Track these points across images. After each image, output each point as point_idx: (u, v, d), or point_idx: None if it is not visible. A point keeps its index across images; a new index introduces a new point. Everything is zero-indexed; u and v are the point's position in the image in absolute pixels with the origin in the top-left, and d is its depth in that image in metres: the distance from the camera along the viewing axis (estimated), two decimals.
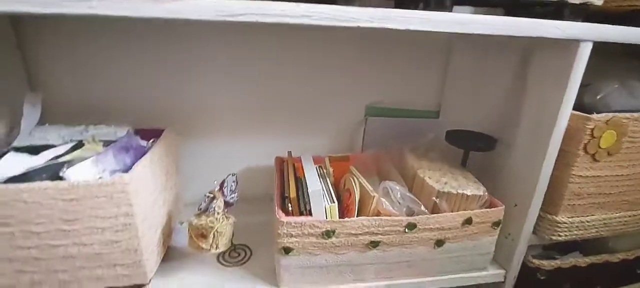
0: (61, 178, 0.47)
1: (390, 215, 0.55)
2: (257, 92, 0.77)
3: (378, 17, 0.44)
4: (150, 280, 0.56)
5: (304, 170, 0.61)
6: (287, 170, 0.67)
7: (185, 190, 0.74)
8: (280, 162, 0.73)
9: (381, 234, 0.55)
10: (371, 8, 0.44)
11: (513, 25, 0.49)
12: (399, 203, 0.57)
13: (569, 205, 0.63)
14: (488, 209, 0.58)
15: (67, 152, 0.53)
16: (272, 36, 0.73)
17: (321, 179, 0.60)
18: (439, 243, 0.58)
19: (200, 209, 0.58)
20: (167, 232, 0.63)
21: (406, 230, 0.55)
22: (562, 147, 0.57)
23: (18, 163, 0.49)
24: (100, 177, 0.49)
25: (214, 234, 0.55)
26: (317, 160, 0.68)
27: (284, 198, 0.58)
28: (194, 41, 0.71)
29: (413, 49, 0.80)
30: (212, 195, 0.58)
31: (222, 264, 0.63)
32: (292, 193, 0.57)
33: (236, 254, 0.65)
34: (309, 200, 0.55)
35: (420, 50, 0.80)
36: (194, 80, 0.74)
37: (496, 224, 0.59)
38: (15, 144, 0.55)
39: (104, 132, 0.62)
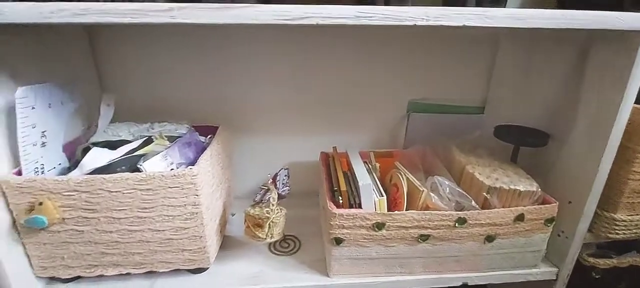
0: (138, 170, 0.53)
1: (439, 210, 0.56)
2: (301, 90, 0.80)
3: (433, 16, 0.45)
4: (211, 265, 0.61)
5: (352, 165, 0.63)
6: (333, 165, 0.69)
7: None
8: (325, 157, 0.75)
9: (431, 228, 0.56)
10: (426, 7, 0.45)
11: (573, 18, 0.48)
12: (448, 198, 0.58)
13: (628, 202, 0.60)
14: (541, 206, 0.57)
15: (140, 147, 0.58)
16: (316, 36, 0.76)
17: (369, 174, 0.61)
18: (490, 238, 0.58)
19: (255, 200, 0.62)
20: (223, 222, 0.68)
21: (456, 224, 0.56)
22: (622, 142, 0.55)
23: (101, 156, 0.55)
24: (171, 169, 0.54)
25: (269, 224, 0.58)
26: (363, 156, 0.69)
27: (333, 192, 0.60)
28: (243, 44, 0.75)
29: (457, 44, 0.79)
30: (266, 188, 0.61)
31: (274, 253, 0.66)
32: (343, 187, 0.59)
33: (286, 244, 0.69)
34: (359, 194, 0.57)
35: (465, 45, 0.79)
36: (243, 80, 0.78)
37: (549, 221, 0.58)
38: (93, 139, 0.62)
39: (167, 129, 0.67)
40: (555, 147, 0.65)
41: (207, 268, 0.60)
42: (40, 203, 0.49)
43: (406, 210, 0.57)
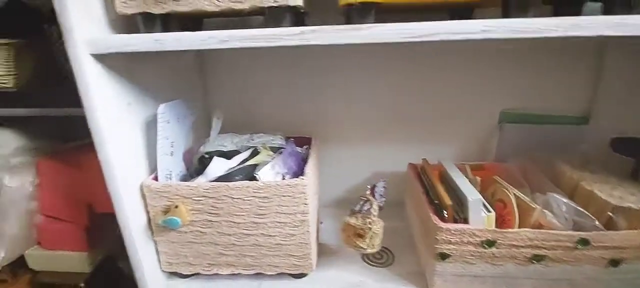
0: (254, 178, 0.57)
1: (555, 229, 0.53)
2: (385, 101, 0.81)
3: (563, 26, 0.43)
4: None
5: (452, 178, 0.62)
6: (427, 177, 0.68)
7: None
8: (414, 168, 0.75)
9: (546, 249, 0.53)
10: (557, 18, 0.43)
11: None
12: (565, 217, 0.54)
13: None
14: None
15: (250, 157, 0.63)
16: (404, 48, 0.76)
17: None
18: (614, 263, 0.53)
19: (354, 210, 0.63)
20: (318, 230, 0.70)
21: (578, 246, 0.52)
22: None
23: (220, 166, 0.60)
24: (283, 178, 0.58)
25: (371, 235, 0.59)
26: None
27: (434, 205, 0.60)
28: (330, 59, 0.78)
29: (554, 51, 0.74)
30: (365, 199, 0.62)
31: (368, 264, 0.67)
32: (447, 201, 0.58)
33: (379, 256, 0.69)
34: (464, 208, 0.56)
35: (564, 52, 0.74)
36: (330, 93, 0.81)
37: None
38: (205, 149, 0.68)
39: (265, 139, 0.72)
40: None
41: (308, 273, 0.63)
42: (176, 207, 0.56)
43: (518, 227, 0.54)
